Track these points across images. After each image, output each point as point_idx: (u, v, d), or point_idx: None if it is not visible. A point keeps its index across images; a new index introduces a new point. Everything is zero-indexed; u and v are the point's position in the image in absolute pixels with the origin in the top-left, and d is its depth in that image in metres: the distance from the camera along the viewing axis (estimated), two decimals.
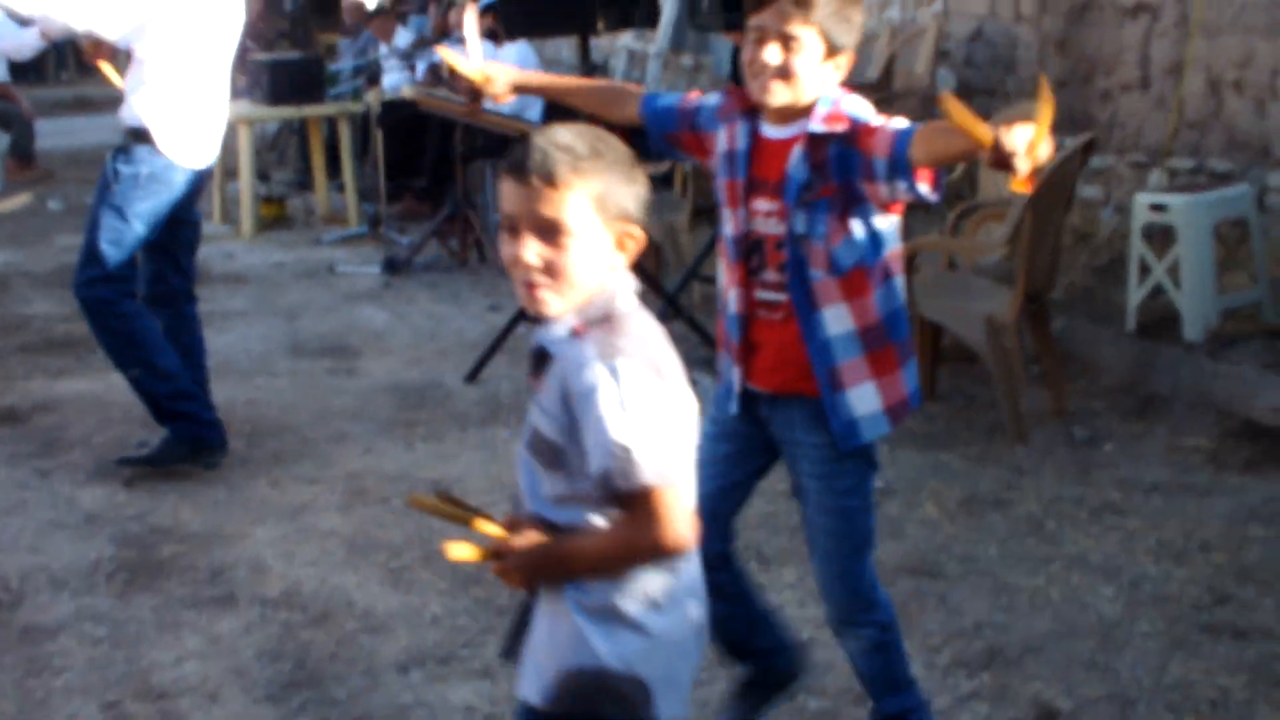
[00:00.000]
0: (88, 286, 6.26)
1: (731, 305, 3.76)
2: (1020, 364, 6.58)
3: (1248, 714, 4.19)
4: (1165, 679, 4.41)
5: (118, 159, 6.22)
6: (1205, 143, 8.09)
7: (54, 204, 13.44)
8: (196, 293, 6.74)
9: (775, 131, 3.67)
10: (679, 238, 8.92)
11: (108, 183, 6.21)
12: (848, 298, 3.60)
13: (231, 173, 12.10)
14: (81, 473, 6.38)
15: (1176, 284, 6.92)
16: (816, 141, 3.57)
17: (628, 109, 4.02)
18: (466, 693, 4.46)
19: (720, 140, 3.79)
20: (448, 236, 10.59)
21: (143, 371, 6.33)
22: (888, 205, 3.60)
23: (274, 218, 12.10)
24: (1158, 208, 7.01)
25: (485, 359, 7.61)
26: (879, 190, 3.52)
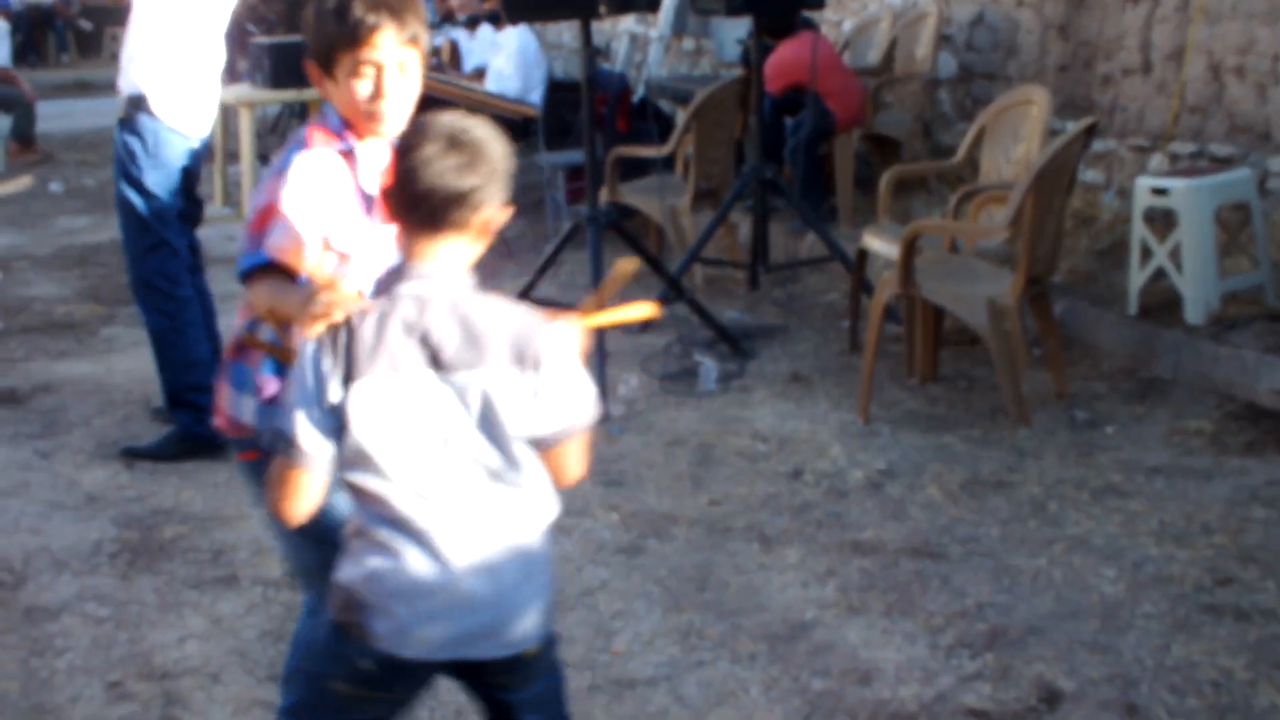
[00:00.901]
0: (141, 261, 6.36)
1: None
2: (1022, 347, 6.57)
3: (1250, 694, 4.18)
4: (1168, 660, 4.39)
5: (124, 132, 6.26)
6: (1206, 127, 8.08)
7: (55, 186, 13.43)
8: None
9: None
10: (681, 221, 8.90)
11: (121, 159, 6.27)
12: None
13: (233, 155, 12.08)
14: (83, 454, 6.37)
15: (1178, 267, 6.90)
16: None
17: None
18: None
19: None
20: None
21: (177, 355, 6.42)
22: None
23: None
24: (1159, 191, 6.98)
25: None
26: None
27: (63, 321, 8.36)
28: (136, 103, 6.23)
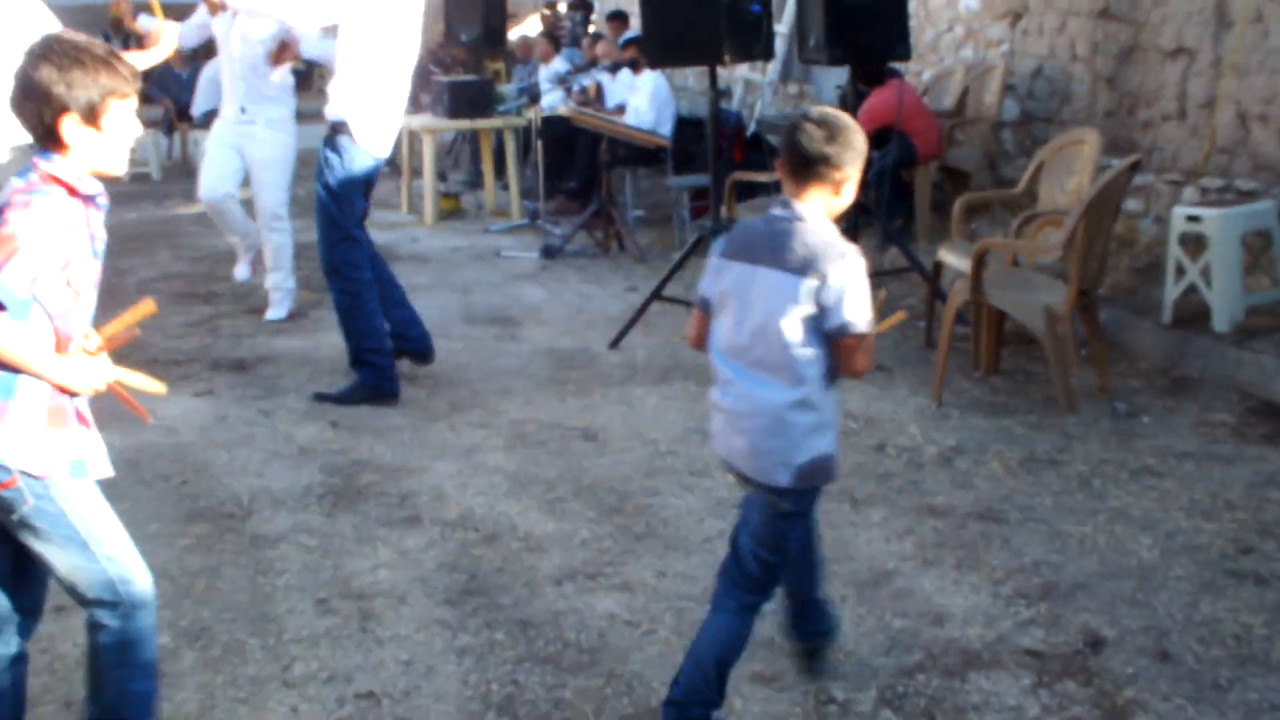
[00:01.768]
0: (332, 251, 6.54)
1: None
2: (1072, 347, 6.47)
3: (1266, 648, 4.09)
4: (1195, 616, 4.30)
5: (325, 149, 6.49)
6: (1234, 165, 7.92)
7: None
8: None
9: None
10: None
11: (321, 170, 6.49)
12: None
13: (416, 172, 12.18)
14: (296, 413, 6.45)
15: (1208, 284, 6.76)
16: None
17: None
18: (609, 603, 4.45)
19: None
20: (594, 229, 10.60)
21: (358, 325, 6.59)
22: None
23: (451, 210, 12.18)
24: (1193, 219, 6.85)
25: (625, 330, 7.60)
26: None
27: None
28: (337, 127, 6.44)
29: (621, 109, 11.63)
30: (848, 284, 3.34)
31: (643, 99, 11.14)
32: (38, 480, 3.07)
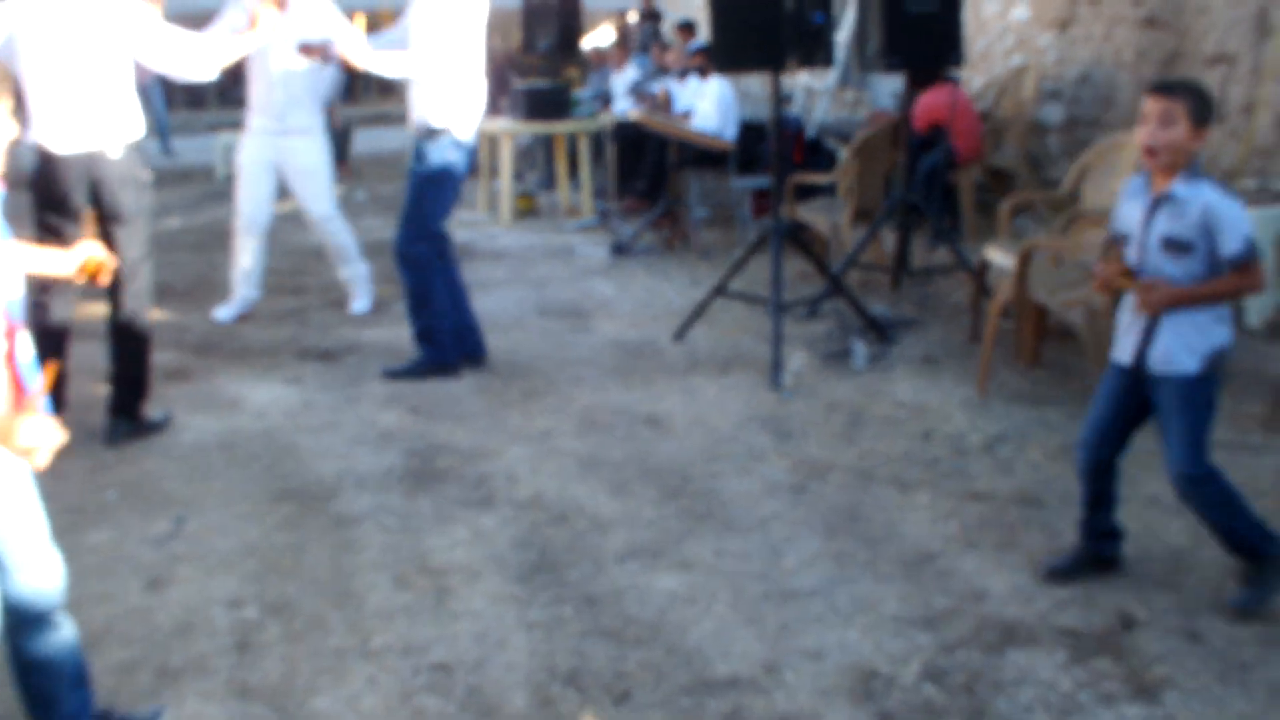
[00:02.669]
0: (413, 243, 6.69)
1: None
2: (1110, 341, 6.41)
3: None
4: (1223, 597, 4.28)
5: (422, 146, 6.63)
6: (1270, 167, 7.82)
7: (360, 196, 13.70)
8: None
9: None
10: (842, 233, 8.84)
11: (414, 166, 6.65)
12: None
13: (495, 173, 12.24)
14: (379, 401, 6.52)
15: None
16: None
17: None
18: (670, 580, 4.48)
19: None
20: (661, 228, 10.62)
21: (425, 304, 6.77)
22: None
23: (527, 209, 12.23)
24: None
25: (689, 323, 7.62)
26: None
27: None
28: (431, 131, 6.56)
29: (688, 114, 11.63)
30: None
31: (709, 104, 11.14)
32: None
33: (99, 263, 3.60)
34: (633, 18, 18.84)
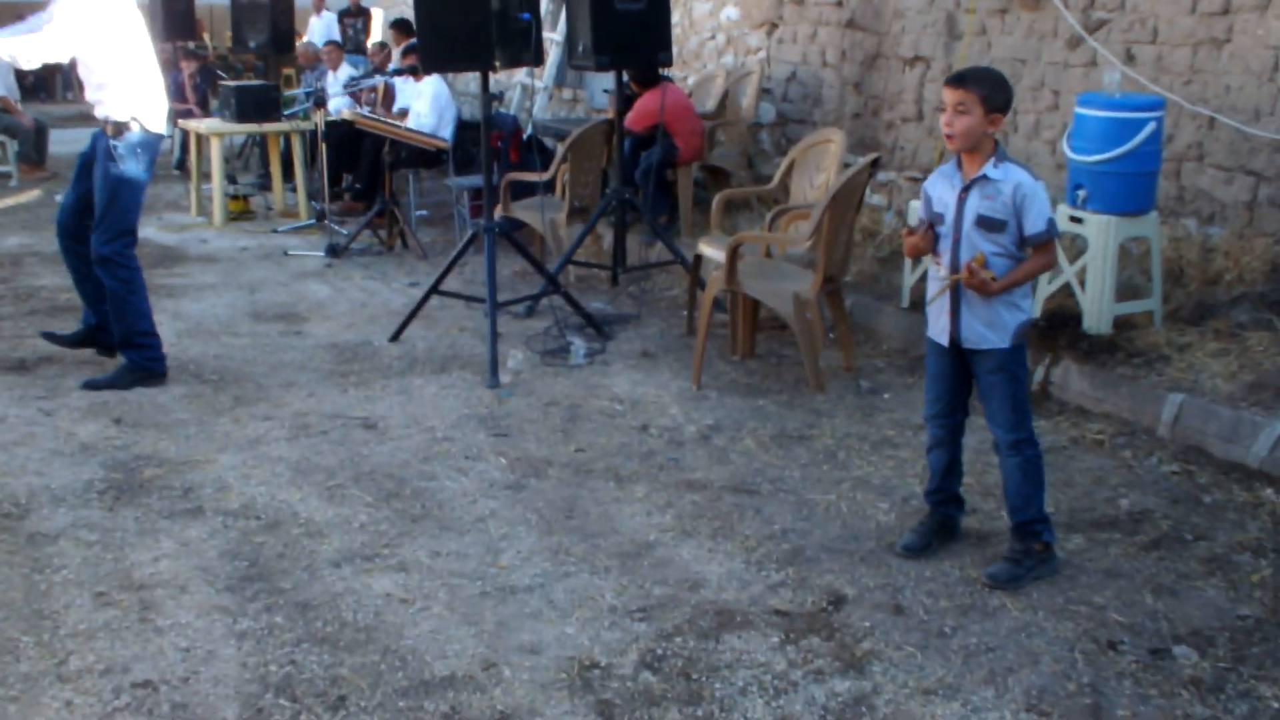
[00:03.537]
0: (113, 242, 6.45)
1: None
2: (820, 331, 6.61)
3: (985, 597, 4.26)
4: (926, 572, 4.46)
5: (111, 145, 6.41)
6: None
7: (60, 198, 13.06)
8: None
9: None
10: (558, 231, 8.87)
11: (107, 166, 6.40)
12: None
13: (206, 175, 11.86)
14: (79, 412, 6.21)
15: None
16: None
17: None
18: (386, 583, 4.41)
19: None
20: (378, 228, 10.47)
21: (130, 309, 6.53)
22: None
23: (240, 212, 11.88)
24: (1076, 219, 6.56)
25: (405, 324, 7.53)
26: None
27: (64, 306, 8.14)
28: (119, 126, 6.40)
29: (405, 113, 11.50)
30: None
31: (423, 103, 11.05)
32: None
33: None
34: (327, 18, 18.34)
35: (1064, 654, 3.91)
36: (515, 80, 13.81)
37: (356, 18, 18.21)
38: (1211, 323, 6.32)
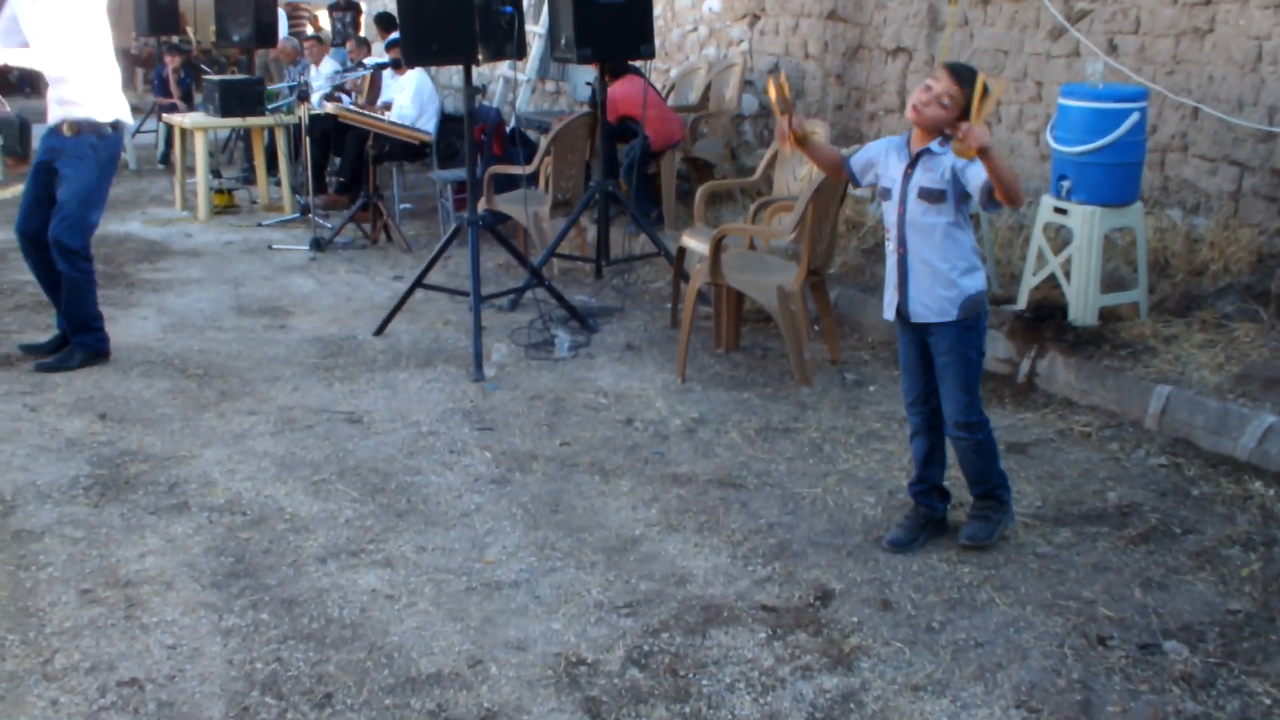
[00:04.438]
0: (80, 235, 6.61)
1: None
2: (805, 323, 6.58)
3: (974, 592, 4.24)
4: (914, 566, 4.44)
5: (79, 142, 6.54)
6: None
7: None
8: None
9: None
10: (542, 224, 8.82)
11: (75, 164, 6.53)
12: None
13: (190, 169, 11.79)
14: (64, 407, 6.15)
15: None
16: None
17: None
18: (371, 579, 4.37)
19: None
20: (362, 222, 10.41)
21: (84, 298, 6.72)
22: None
23: (224, 206, 11.81)
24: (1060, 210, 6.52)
25: (390, 317, 7.48)
26: None
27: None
28: (80, 125, 6.53)
29: (388, 106, 11.44)
30: None
31: (406, 96, 11.00)
32: None
33: None
34: (322, 13, 18.32)
35: (1053, 649, 3.89)
36: (498, 73, 13.75)
37: (345, 11, 18.12)
38: (1198, 314, 6.31)
